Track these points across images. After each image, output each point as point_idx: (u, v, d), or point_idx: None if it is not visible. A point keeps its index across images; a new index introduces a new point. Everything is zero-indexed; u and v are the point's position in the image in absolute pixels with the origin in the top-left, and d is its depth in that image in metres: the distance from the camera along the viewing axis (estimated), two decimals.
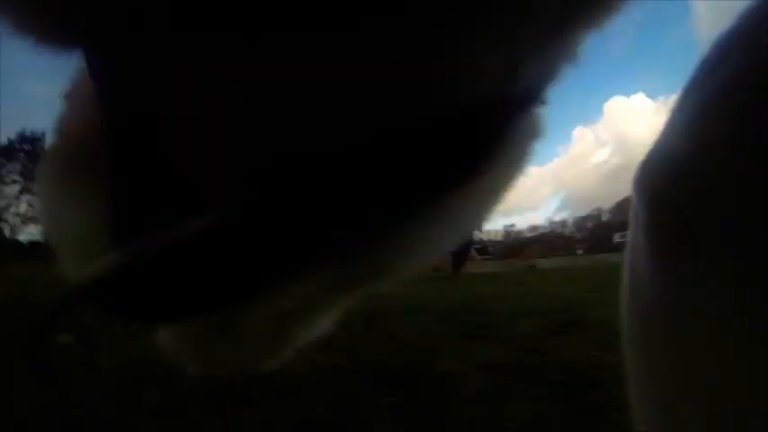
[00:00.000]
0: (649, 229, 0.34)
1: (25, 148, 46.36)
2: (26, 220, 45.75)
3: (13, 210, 45.83)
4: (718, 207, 0.27)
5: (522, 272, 19.13)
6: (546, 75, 0.20)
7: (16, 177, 45.98)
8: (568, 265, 28.32)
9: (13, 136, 46.74)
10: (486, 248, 54.11)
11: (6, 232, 45.39)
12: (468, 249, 10.45)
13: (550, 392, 2.09)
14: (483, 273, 18.89)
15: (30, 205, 44.14)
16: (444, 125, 0.17)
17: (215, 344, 0.22)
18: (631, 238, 0.38)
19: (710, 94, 0.29)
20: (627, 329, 0.38)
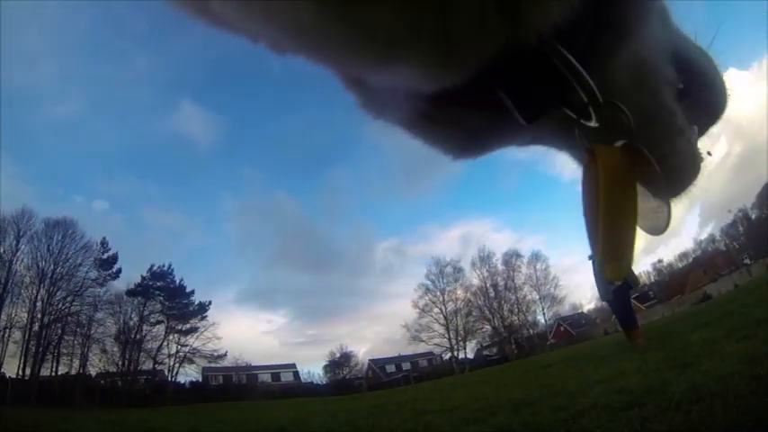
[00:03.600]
0: None
1: (160, 285, 47.17)
2: (180, 360, 45.68)
3: (165, 351, 45.80)
4: None
5: (701, 303, 17.02)
6: None
7: (159, 317, 46.22)
8: (743, 278, 25.02)
9: (143, 273, 47.29)
10: (645, 295, 49.93)
11: (166, 374, 45.55)
12: (628, 306, 9.33)
13: None
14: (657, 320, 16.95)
15: (179, 345, 45.75)
16: None
17: None
18: None
19: None
20: None
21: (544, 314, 53.40)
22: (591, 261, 9.83)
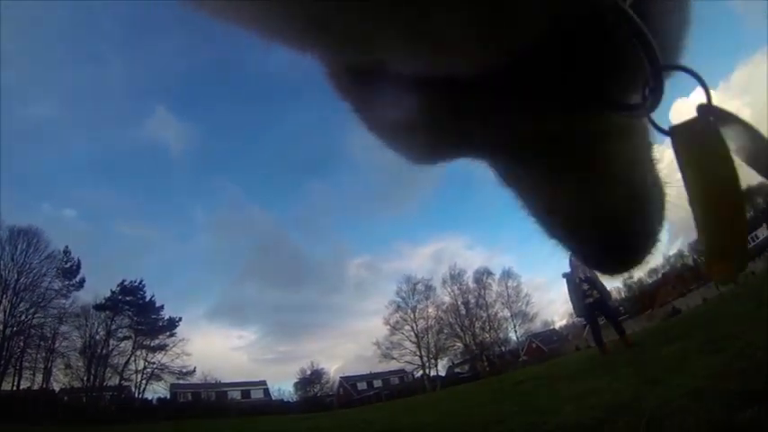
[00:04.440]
0: None
1: (129, 300, 46.26)
2: (148, 376, 44.91)
3: (132, 367, 44.94)
4: None
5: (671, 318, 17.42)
6: None
7: (127, 332, 45.40)
8: (711, 293, 25.62)
9: (113, 287, 46.29)
10: (616, 310, 50.50)
11: (133, 391, 44.58)
12: (615, 311, 9.52)
13: None
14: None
15: (147, 361, 44.67)
16: None
17: None
18: None
19: None
20: None
21: (516, 331, 53.74)
22: (565, 279, 10.02)
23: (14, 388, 38.84)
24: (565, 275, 9.94)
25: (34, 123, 63.92)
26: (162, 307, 47.21)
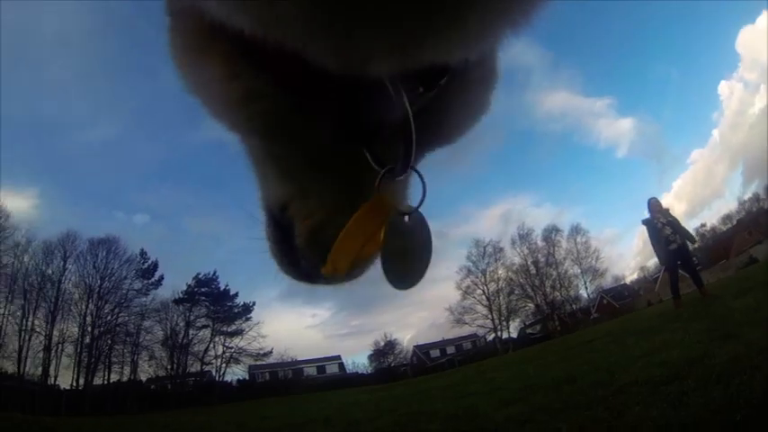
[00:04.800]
0: None
1: (204, 291, 48.71)
2: (227, 360, 47.30)
3: (212, 352, 47.41)
4: None
5: (747, 267, 16.48)
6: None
7: (204, 321, 47.92)
8: None
9: (189, 281, 48.87)
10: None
11: (214, 375, 47.17)
12: (691, 259, 9.05)
13: None
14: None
15: (225, 346, 47.18)
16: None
17: None
18: None
19: None
20: None
21: (586, 288, 52.47)
22: (646, 225, 9.61)
23: (105, 382, 42.54)
24: (645, 221, 9.48)
25: (100, 141, 67.68)
26: (236, 294, 49.24)
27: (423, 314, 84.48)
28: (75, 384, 40.99)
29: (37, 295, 41.35)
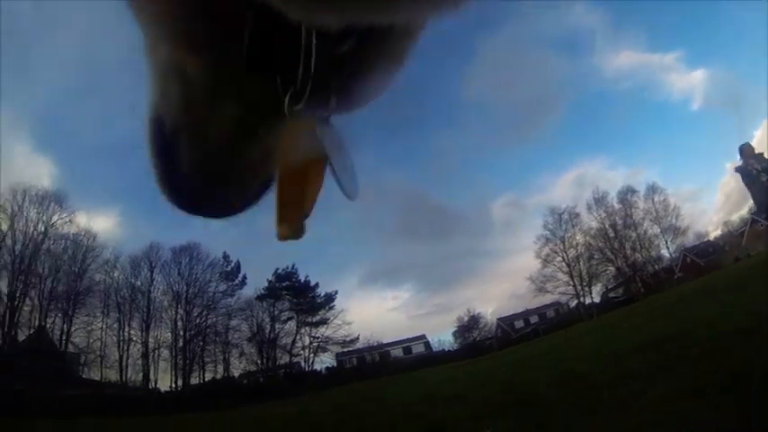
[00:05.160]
0: None
1: (286, 285, 50.67)
2: (314, 350, 49.02)
3: (299, 344, 49.07)
4: None
5: None
6: None
7: (289, 314, 49.74)
8: None
9: (269, 277, 50.37)
10: None
11: (302, 365, 48.69)
12: None
13: None
14: None
15: (311, 337, 48.94)
16: None
17: None
18: None
19: None
20: None
21: (668, 247, 50.13)
22: (739, 173, 9.25)
23: (201, 381, 45.16)
24: (738, 169, 9.13)
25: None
26: (317, 285, 50.91)
27: (504, 286, 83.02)
28: (174, 386, 43.95)
29: (130, 307, 44.65)
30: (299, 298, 50.17)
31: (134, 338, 44.47)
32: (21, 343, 40.57)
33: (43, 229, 41.59)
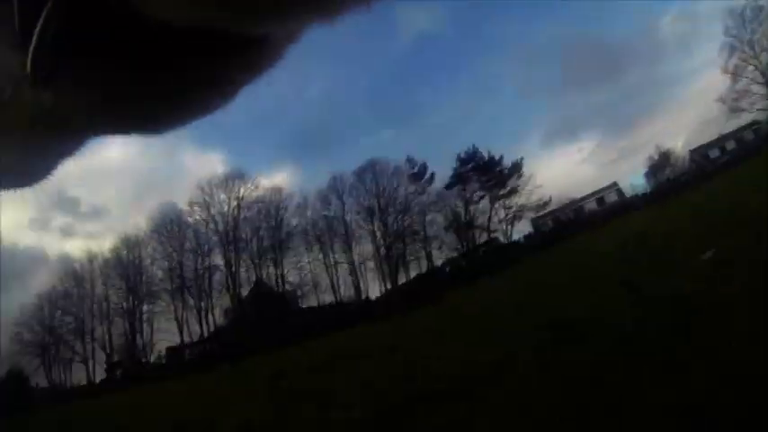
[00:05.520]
0: None
1: (471, 167, 53.03)
2: (510, 221, 52.46)
3: (495, 219, 52.44)
4: None
5: None
6: None
7: (480, 193, 52.81)
8: None
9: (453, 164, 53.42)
10: None
11: (501, 239, 51.70)
12: None
13: None
14: None
15: (506, 208, 52.46)
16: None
17: None
18: None
19: None
20: None
21: None
22: None
23: (407, 280, 49.35)
24: None
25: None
26: (501, 157, 52.80)
27: (690, 114, 77.34)
28: (384, 289, 49.65)
29: (329, 235, 51.41)
30: (487, 175, 52.49)
31: (339, 261, 51.71)
32: (245, 298, 48.78)
33: (236, 203, 50.65)
